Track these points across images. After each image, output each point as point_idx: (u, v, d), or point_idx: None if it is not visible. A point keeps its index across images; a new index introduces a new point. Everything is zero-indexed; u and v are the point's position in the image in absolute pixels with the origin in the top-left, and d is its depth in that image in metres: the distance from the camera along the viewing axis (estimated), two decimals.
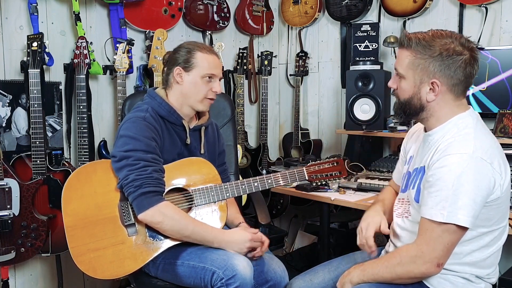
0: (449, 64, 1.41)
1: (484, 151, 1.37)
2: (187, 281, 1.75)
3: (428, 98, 1.46)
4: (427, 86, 1.45)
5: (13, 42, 2.48)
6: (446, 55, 1.41)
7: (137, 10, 2.80)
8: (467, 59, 1.41)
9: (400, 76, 1.50)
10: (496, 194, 1.39)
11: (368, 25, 3.06)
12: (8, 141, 2.47)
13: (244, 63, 3.25)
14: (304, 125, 3.61)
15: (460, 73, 1.42)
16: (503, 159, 1.44)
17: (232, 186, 1.88)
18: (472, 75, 1.45)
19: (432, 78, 1.43)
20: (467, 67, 1.42)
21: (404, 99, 1.51)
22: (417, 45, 1.43)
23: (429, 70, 1.43)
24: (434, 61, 1.42)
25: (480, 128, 1.46)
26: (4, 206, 2.26)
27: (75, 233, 1.75)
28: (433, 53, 1.42)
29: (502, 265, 2.45)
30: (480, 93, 2.51)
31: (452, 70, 1.41)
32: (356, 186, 2.54)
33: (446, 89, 1.44)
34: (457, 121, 1.46)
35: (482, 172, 1.36)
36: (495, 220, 1.45)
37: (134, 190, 1.71)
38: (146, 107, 1.86)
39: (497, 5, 2.64)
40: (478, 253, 1.47)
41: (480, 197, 1.36)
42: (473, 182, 1.35)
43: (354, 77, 2.83)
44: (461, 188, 1.34)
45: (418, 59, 1.44)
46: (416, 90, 1.47)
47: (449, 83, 1.43)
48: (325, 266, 1.81)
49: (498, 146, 1.46)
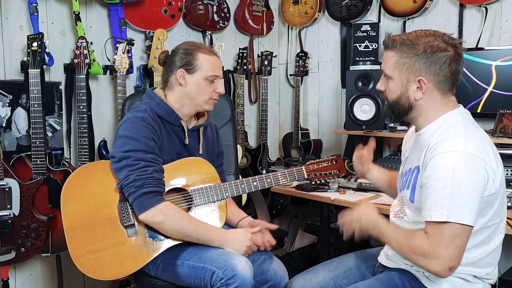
0: (434, 61, 1.43)
1: (475, 147, 1.38)
2: (187, 281, 1.75)
3: (416, 96, 1.47)
4: (414, 85, 1.47)
5: (13, 42, 2.48)
6: (430, 52, 1.42)
7: (137, 10, 2.80)
8: (451, 55, 1.43)
9: (387, 77, 1.52)
10: (490, 190, 1.39)
11: (368, 25, 3.06)
12: (8, 141, 2.47)
13: (244, 63, 3.25)
14: (304, 125, 3.61)
15: (446, 70, 1.44)
16: (495, 155, 1.44)
17: (231, 186, 1.88)
18: (458, 71, 1.47)
19: (418, 76, 1.45)
20: (452, 63, 1.44)
21: (392, 100, 1.52)
22: (402, 45, 1.46)
23: (415, 68, 1.45)
24: (419, 59, 1.44)
25: (470, 125, 1.47)
26: (4, 206, 2.26)
27: (74, 235, 1.75)
28: (417, 51, 1.43)
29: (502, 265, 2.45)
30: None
31: (437, 67, 1.43)
32: (356, 186, 2.55)
33: (433, 86, 1.46)
34: (446, 119, 1.47)
35: (476, 168, 1.36)
36: (489, 216, 1.45)
37: (135, 191, 1.71)
38: (145, 107, 1.86)
39: (497, 5, 2.64)
40: (474, 250, 1.47)
41: (477, 193, 1.36)
42: (468, 179, 1.35)
43: (354, 77, 2.83)
44: (457, 186, 1.34)
45: (404, 58, 1.46)
46: (404, 89, 1.48)
47: (435, 80, 1.45)
48: (325, 265, 1.81)
49: (489, 142, 1.47)
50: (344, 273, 1.75)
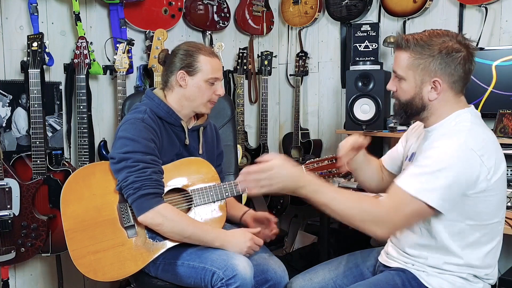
0: (449, 61, 1.43)
1: (476, 143, 1.39)
2: (187, 281, 1.75)
3: (430, 97, 1.47)
4: (428, 86, 1.47)
5: (13, 42, 2.48)
6: (446, 53, 1.43)
7: (137, 10, 2.80)
8: (465, 55, 1.44)
9: (399, 78, 1.51)
10: (481, 186, 1.39)
11: (368, 25, 3.06)
12: (8, 141, 2.47)
13: (244, 63, 3.24)
14: (304, 125, 3.61)
15: (460, 70, 1.45)
16: (498, 156, 1.44)
17: (231, 186, 1.88)
18: (471, 71, 1.48)
19: (433, 77, 1.45)
20: (466, 63, 1.45)
21: (406, 100, 1.52)
22: (416, 46, 1.45)
23: (430, 69, 1.45)
24: (434, 60, 1.43)
25: (478, 123, 1.48)
26: (4, 206, 2.26)
27: (74, 236, 1.75)
28: (432, 52, 1.43)
29: (502, 265, 2.46)
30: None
31: (452, 67, 1.44)
32: (356, 186, 2.55)
33: (447, 87, 1.46)
34: (456, 117, 1.48)
35: (468, 162, 1.37)
36: (484, 214, 1.45)
37: (133, 192, 1.71)
38: (144, 108, 1.86)
39: (497, 5, 2.64)
40: (471, 250, 1.47)
41: (457, 185, 1.37)
42: (456, 169, 1.36)
43: (354, 77, 2.83)
44: (443, 170, 1.36)
45: (418, 59, 1.45)
46: (418, 90, 1.48)
47: (450, 80, 1.46)
48: (325, 265, 1.82)
49: (494, 142, 1.47)
50: (344, 273, 1.75)
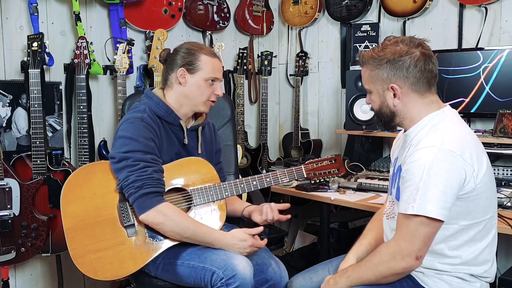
0: (399, 66, 1.48)
1: (454, 143, 1.40)
2: (187, 281, 1.75)
3: (394, 103, 1.53)
4: (390, 93, 1.52)
5: (13, 42, 2.48)
6: (393, 58, 1.48)
7: (137, 10, 2.80)
8: (416, 56, 1.47)
9: (368, 92, 1.60)
10: (470, 186, 1.41)
11: (368, 25, 3.06)
12: (9, 141, 2.47)
13: (244, 63, 3.24)
14: (304, 125, 3.61)
15: (414, 71, 1.48)
16: (478, 151, 1.46)
17: (231, 185, 1.89)
18: (429, 70, 1.49)
19: (389, 84, 1.51)
20: (418, 63, 1.47)
21: (376, 110, 1.60)
22: (369, 59, 1.53)
23: (384, 78, 1.51)
24: (385, 68, 1.50)
25: (453, 122, 1.50)
26: (4, 206, 2.27)
27: (74, 235, 1.75)
28: (381, 61, 1.50)
29: (502, 265, 2.46)
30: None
31: (404, 70, 1.48)
32: (356, 186, 2.55)
33: (407, 90, 1.50)
34: (431, 118, 1.50)
35: (452, 164, 1.38)
36: (476, 212, 1.46)
37: (135, 191, 1.71)
38: (144, 107, 1.86)
39: (497, 5, 2.64)
40: (466, 248, 1.47)
41: (451, 189, 1.38)
42: (442, 174, 1.37)
43: (354, 77, 2.83)
44: (430, 180, 1.37)
45: (373, 71, 1.53)
46: (383, 99, 1.55)
47: (407, 83, 1.49)
48: (325, 264, 1.82)
49: (473, 138, 1.49)
50: None
